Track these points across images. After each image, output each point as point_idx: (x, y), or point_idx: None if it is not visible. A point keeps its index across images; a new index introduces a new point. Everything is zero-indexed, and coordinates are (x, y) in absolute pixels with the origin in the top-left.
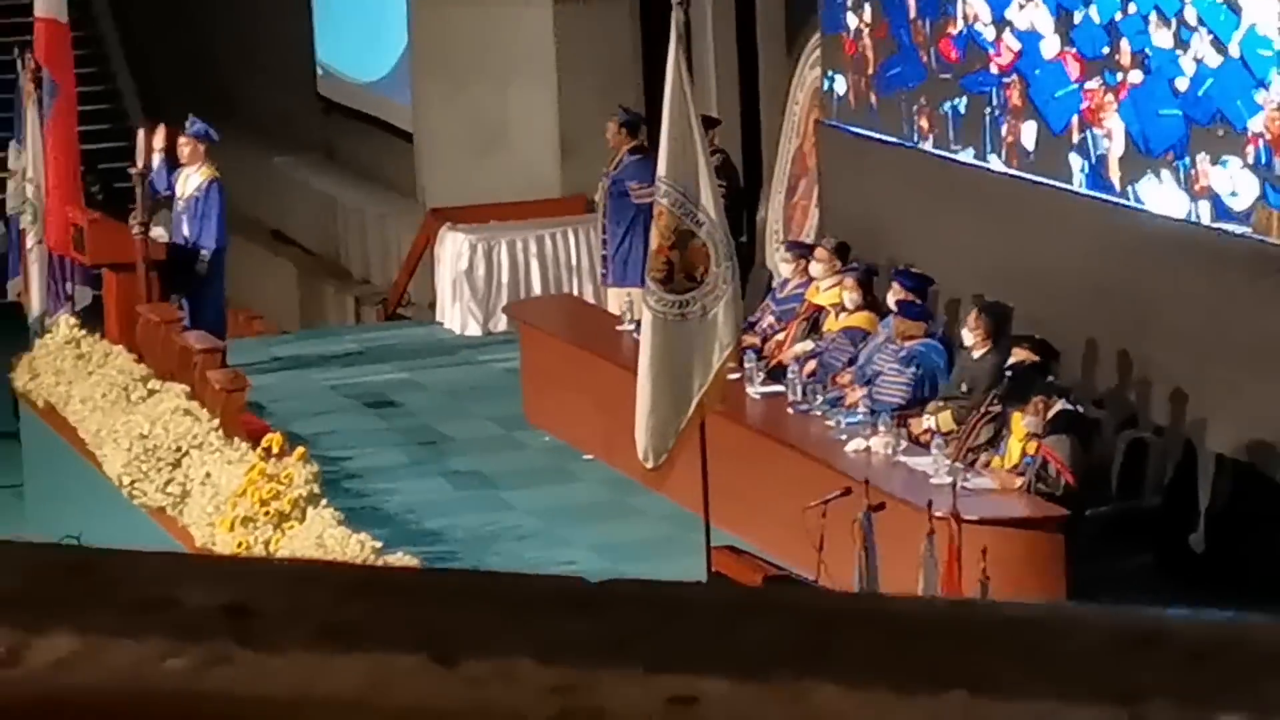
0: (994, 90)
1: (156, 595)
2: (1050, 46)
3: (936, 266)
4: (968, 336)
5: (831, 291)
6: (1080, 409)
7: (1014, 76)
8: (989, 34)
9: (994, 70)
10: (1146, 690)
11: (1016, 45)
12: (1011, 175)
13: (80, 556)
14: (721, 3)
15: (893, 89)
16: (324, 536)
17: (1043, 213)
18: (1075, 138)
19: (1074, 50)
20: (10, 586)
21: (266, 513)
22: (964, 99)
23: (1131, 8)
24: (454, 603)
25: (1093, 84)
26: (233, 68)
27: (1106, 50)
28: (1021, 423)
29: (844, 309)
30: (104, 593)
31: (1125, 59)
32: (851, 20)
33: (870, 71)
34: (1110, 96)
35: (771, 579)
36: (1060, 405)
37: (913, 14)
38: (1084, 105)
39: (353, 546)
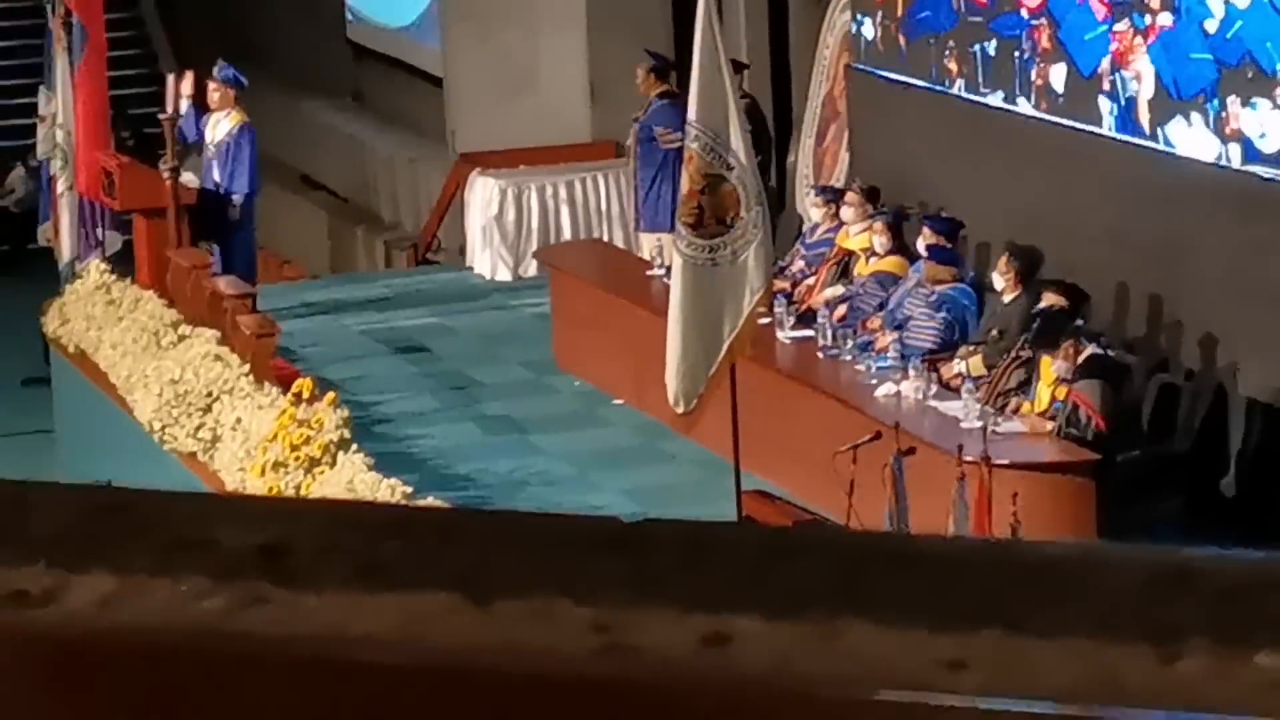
0: (1023, 33)
1: (193, 535)
2: None
3: (966, 210)
4: (998, 281)
5: (862, 236)
6: (1111, 353)
7: (1043, 19)
8: None
9: (1023, 13)
10: (1182, 629)
11: None
12: (1041, 119)
13: (117, 497)
14: None
15: (922, 32)
16: (354, 482)
17: (1072, 156)
18: (1105, 81)
19: None
20: (48, 527)
21: (297, 458)
22: (993, 42)
23: None
24: (489, 543)
25: (1122, 26)
26: (262, 12)
27: None
28: (1052, 367)
29: (874, 253)
30: (141, 533)
31: (1154, 1)
32: None
33: (899, 15)
34: (1139, 39)
35: (802, 524)
36: (1091, 350)
37: None
38: (1113, 48)
39: (383, 491)
